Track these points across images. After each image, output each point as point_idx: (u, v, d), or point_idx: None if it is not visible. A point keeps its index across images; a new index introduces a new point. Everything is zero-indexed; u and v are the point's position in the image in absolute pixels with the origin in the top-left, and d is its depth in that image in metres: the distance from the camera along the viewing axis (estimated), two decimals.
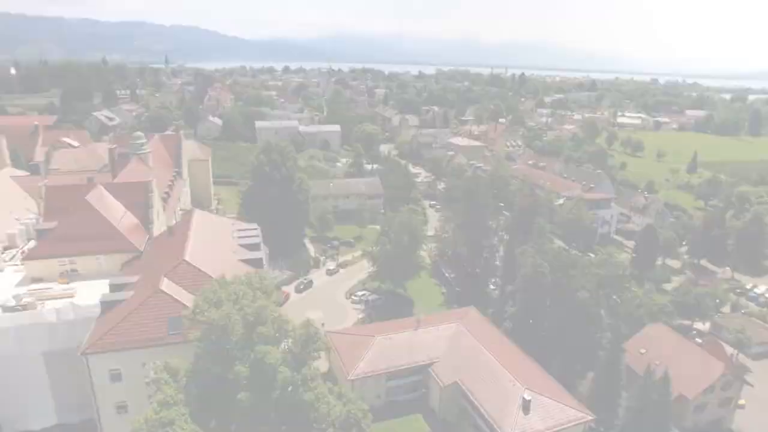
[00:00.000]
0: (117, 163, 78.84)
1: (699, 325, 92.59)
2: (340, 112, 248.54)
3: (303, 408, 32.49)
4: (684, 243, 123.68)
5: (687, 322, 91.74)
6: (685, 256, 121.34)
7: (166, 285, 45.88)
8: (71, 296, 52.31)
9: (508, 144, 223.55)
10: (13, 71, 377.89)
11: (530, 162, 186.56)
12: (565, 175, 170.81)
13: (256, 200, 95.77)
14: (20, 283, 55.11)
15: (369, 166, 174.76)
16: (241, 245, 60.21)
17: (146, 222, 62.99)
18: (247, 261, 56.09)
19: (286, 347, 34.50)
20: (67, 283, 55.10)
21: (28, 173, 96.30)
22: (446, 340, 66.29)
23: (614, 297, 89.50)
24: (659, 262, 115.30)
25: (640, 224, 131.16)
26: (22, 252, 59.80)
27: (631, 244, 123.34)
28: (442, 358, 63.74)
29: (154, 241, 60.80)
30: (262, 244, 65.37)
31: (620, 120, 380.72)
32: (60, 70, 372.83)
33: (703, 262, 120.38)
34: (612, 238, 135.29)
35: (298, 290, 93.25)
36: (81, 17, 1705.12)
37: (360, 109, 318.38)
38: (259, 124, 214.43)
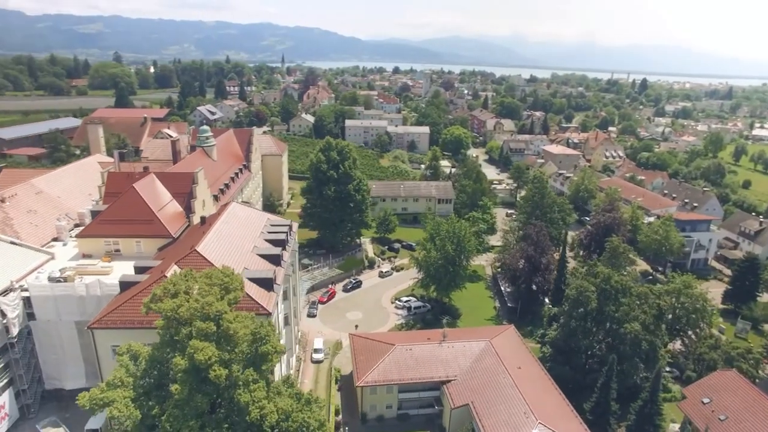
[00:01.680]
0: (179, 154, 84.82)
1: None
2: (434, 114, 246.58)
3: (237, 410, 32.07)
4: None
5: None
6: None
7: (173, 272, 48.17)
8: (107, 273, 56.99)
9: (608, 154, 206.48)
10: (151, 70, 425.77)
11: (627, 175, 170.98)
12: (666, 192, 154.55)
13: (314, 198, 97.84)
14: (73, 258, 61.23)
15: (449, 170, 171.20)
16: (267, 240, 61.58)
17: (188, 210, 66.97)
18: (265, 257, 57.20)
19: (240, 348, 34.19)
20: (110, 261, 60.21)
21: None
22: (470, 358, 62.40)
23: (689, 333, 79.46)
24: (764, 298, 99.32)
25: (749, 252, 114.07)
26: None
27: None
28: (460, 376, 60.09)
29: (191, 229, 64.40)
30: (292, 241, 66.35)
31: (756, 132, 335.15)
32: (188, 68, 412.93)
33: None
34: (709, 266, 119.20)
35: (345, 289, 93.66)
36: (216, 20, 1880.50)
37: (458, 112, 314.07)
38: (348, 122, 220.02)
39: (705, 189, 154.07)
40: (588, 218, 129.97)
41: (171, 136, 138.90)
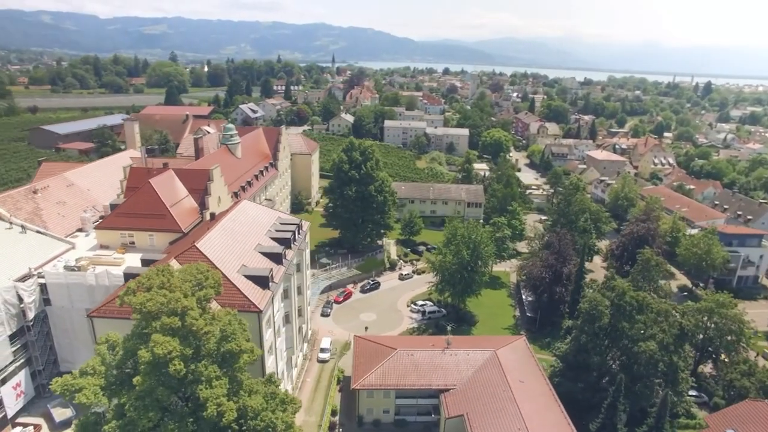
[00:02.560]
0: (202, 151, 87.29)
1: None
2: (475, 117, 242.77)
3: (198, 406, 32.42)
4: None
5: None
6: None
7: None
8: (119, 265, 59.33)
9: (657, 161, 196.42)
10: (205, 69, 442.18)
11: (675, 183, 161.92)
12: (717, 203, 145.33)
13: (335, 197, 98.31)
14: (92, 248, 64.18)
15: (484, 173, 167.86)
16: (273, 238, 62.23)
17: (202, 206, 68.75)
18: (267, 255, 57.79)
19: (209, 345, 34.57)
20: (124, 253, 62.68)
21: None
22: (472, 368, 60.66)
23: (722, 356, 74.17)
24: None
25: None
26: None
27: None
28: (459, 385, 58.51)
29: (201, 225, 66.02)
30: (300, 240, 66.75)
31: None
32: (240, 67, 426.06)
33: None
34: (759, 284, 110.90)
35: (362, 290, 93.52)
36: (272, 21, 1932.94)
37: (503, 114, 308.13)
38: (387, 123, 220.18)
39: (762, 201, 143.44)
40: (619, 227, 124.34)
41: (209, 133, 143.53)
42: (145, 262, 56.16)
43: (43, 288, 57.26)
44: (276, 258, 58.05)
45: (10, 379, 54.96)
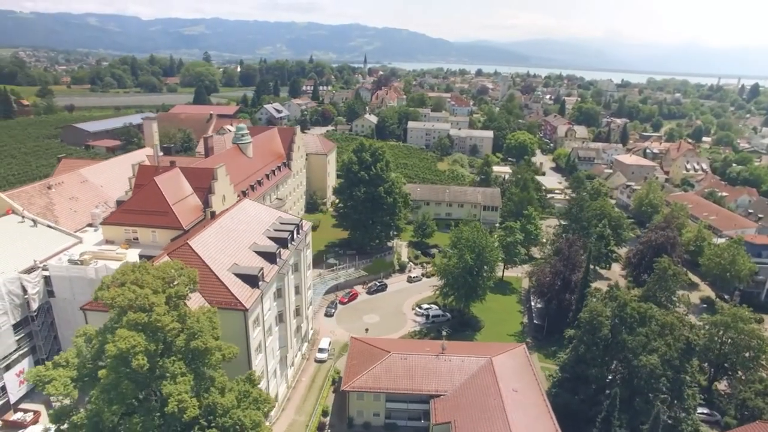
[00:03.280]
0: (212, 150, 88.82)
1: None
2: (501, 119, 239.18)
3: (164, 401, 32.83)
4: None
5: None
6: None
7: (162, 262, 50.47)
8: (120, 260, 60.73)
9: (689, 166, 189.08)
10: (237, 69, 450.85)
11: (707, 190, 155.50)
12: (751, 211, 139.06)
13: (345, 198, 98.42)
14: (98, 243, 66.06)
15: (504, 176, 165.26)
16: (270, 237, 62.70)
17: (206, 204, 69.85)
18: (261, 254, 58.25)
19: (178, 342, 35.00)
20: (127, 248, 64.28)
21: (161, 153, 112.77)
22: (465, 374, 59.58)
23: (738, 374, 70.75)
24: None
25: None
26: None
27: None
28: (450, 392, 57.57)
29: (202, 222, 67.07)
30: (299, 240, 67.04)
31: None
32: (272, 67, 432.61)
33: None
34: None
35: (369, 292, 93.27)
36: (308, 21, 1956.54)
37: (532, 117, 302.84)
38: (411, 124, 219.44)
39: None
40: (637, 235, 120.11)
41: (230, 132, 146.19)
42: (143, 258, 57.51)
43: (48, 280, 59.29)
44: (270, 257, 58.47)
45: (13, 366, 57.07)
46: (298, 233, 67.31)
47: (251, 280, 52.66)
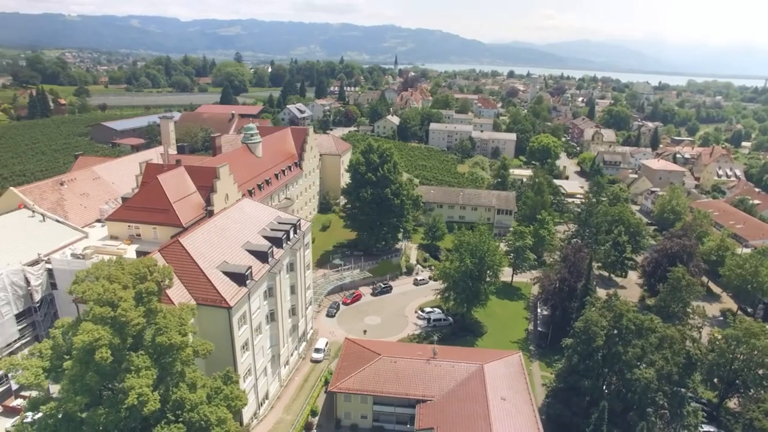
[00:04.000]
0: (220, 149, 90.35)
1: None
2: (525, 121, 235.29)
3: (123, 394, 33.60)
4: None
5: None
6: None
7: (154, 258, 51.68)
8: (121, 255, 62.50)
9: (721, 172, 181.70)
10: (269, 69, 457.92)
11: (737, 197, 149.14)
12: None
13: (352, 199, 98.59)
14: (103, 239, 68.17)
15: (522, 180, 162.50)
16: (265, 236, 63.35)
17: (207, 203, 71.11)
18: (254, 253, 58.91)
19: (147, 336, 35.81)
20: (129, 244, 66.08)
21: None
22: (454, 380, 58.78)
23: (751, 392, 67.45)
24: None
25: None
26: None
27: None
28: (438, 397, 56.91)
29: (200, 220, 68.30)
30: (296, 240, 67.51)
31: None
32: (302, 68, 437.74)
33: None
34: None
35: (373, 293, 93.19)
36: (342, 23, 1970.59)
37: (560, 119, 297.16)
38: (433, 126, 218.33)
39: None
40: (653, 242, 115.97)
41: None
42: (139, 254, 59.08)
43: (51, 273, 61.51)
44: (261, 256, 59.07)
45: (16, 354, 59.41)
46: (294, 233, 67.74)
47: (239, 278, 53.31)
